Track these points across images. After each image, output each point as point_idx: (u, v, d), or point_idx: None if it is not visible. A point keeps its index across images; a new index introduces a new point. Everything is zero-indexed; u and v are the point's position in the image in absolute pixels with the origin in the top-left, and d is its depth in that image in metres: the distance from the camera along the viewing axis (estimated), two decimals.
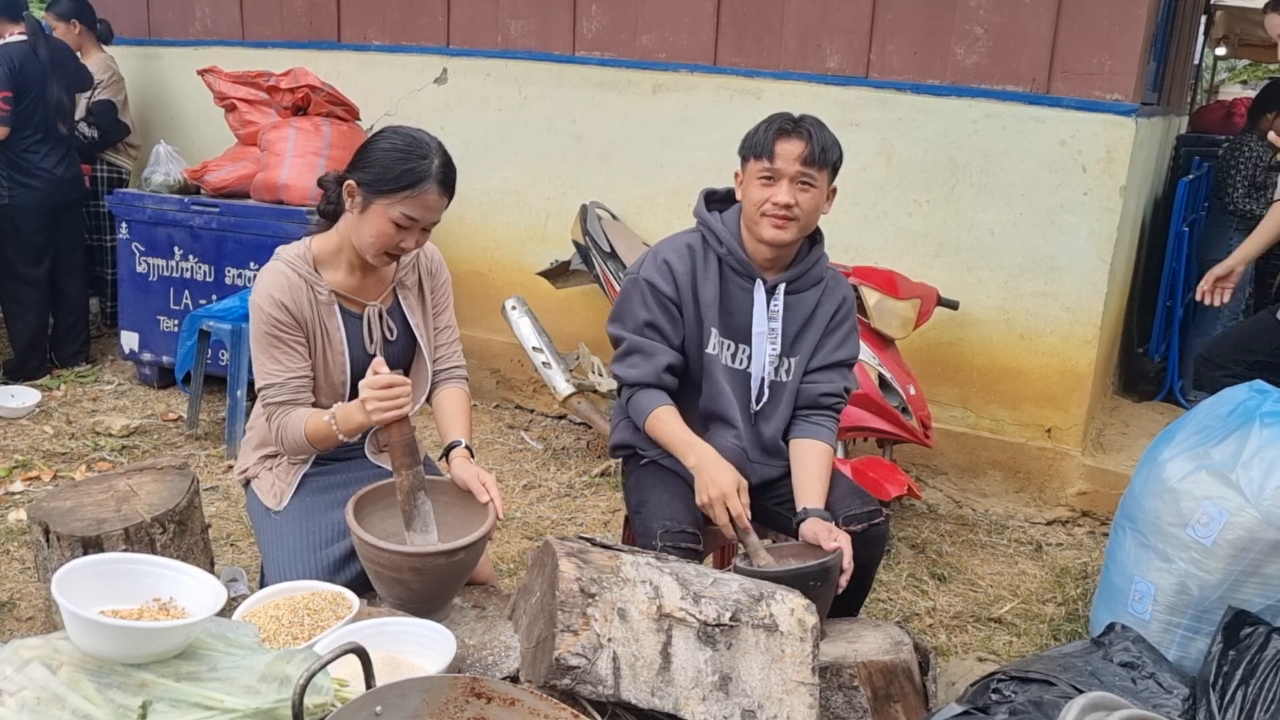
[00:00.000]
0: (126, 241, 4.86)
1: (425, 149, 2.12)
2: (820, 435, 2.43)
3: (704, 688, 1.74)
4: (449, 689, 1.49)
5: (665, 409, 2.38)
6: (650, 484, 2.45)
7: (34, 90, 4.70)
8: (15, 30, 4.74)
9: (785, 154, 2.28)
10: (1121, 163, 3.76)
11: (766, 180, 2.30)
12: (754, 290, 2.40)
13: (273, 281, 2.18)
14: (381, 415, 2.01)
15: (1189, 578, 2.60)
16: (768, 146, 2.29)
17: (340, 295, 2.26)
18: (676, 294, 2.39)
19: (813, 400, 2.46)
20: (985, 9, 3.85)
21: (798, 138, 2.28)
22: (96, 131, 5.30)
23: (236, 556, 3.38)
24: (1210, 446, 2.67)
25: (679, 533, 2.26)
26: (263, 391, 2.20)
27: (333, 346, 2.25)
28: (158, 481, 2.46)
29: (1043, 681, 2.24)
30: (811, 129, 2.29)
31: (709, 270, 2.40)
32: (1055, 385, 4.00)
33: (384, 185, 2.10)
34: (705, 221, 2.44)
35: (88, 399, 4.76)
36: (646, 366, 2.39)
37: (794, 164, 2.27)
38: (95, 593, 1.58)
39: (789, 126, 2.29)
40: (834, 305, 2.48)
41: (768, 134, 2.30)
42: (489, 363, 4.95)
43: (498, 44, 4.78)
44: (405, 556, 1.97)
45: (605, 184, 4.61)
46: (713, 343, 2.42)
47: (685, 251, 2.41)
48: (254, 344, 2.21)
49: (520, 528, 3.74)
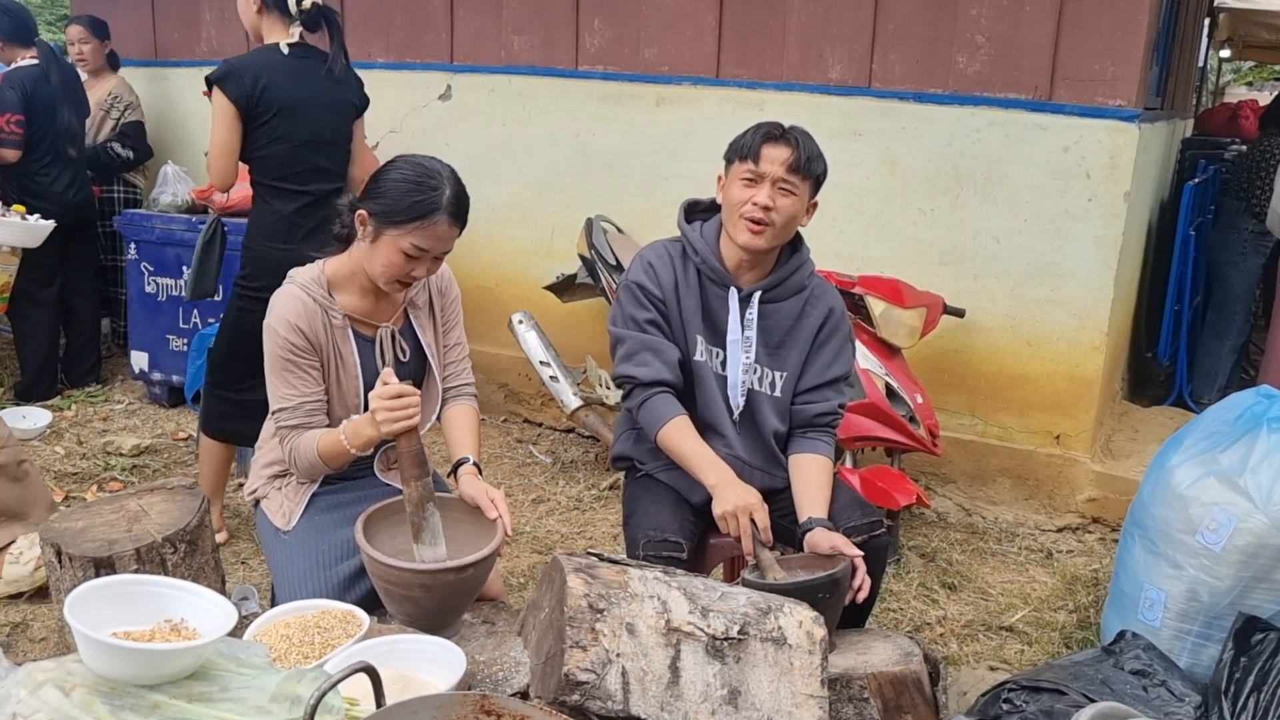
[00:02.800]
0: (135, 262, 4.89)
1: (436, 179, 2.12)
2: (817, 449, 2.44)
3: (713, 702, 1.74)
4: (459, 706, 1.49)
5: (682, 419, 2.35)
6: (640, 496, 2.47)
7: (45, 114, 4.74)
8: (27, 55, 4.78)
9: (771, 158, 2.30)
10: (1125, 168, 3.76)
11: (749, 182, 2.32)
12: (728, 298, 2.41)
13: (288, 306, 2.19)
14: (391, 426, 2.02)
15: (1199, 584, 2.59)
16: (754, 149, 2.31)
17: (353, 319, 2.28)
18: (662, 295, 2.41)
19: (808, 421, 2.47)
20: (986, 17, 3.86)
21: (785, 144, 2.30)
22: (132, 152, 5.38)
23: (248, 574, 3.39)
24: (1218, 452, 2.66)
25: (661, 541, 2.26)
26: (276, 415, 2.22)
27: (346, 370, 2.27)
28: (169, 501, 2.47)
29: (1054, 691, 2.24)
30: (799, 138, 2.31)
31: (689, 279, 2.43)
32: (1063, 391, 3.99)
33: (394, 216, 2.11)
34: (684, 232, 2.47)
35: (98, 419, 4.79)
36: (658, 363, 2.37)
37: (778, 168, 2.28)
38: (107, 615, 1.59)
39: (777, 133, 2.32)
40: (819, 317, 2.46)
41: (755, 137, 2.32)
42: (496, 377, 4.96)
43: (501, 59, 4.80)
44: (414, 574, 1.98)
45: (610, 197, 4.63)
46: (700, 350, 2.43)
47: (667, 257, 2.44)
48: (268, 368, 2.22)
49: (529, 542, 3.75)
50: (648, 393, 2.37)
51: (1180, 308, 5.17)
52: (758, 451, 2.47)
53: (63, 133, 4.84)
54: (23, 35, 4.80)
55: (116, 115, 5.36)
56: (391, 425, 2.02)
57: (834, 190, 4.18)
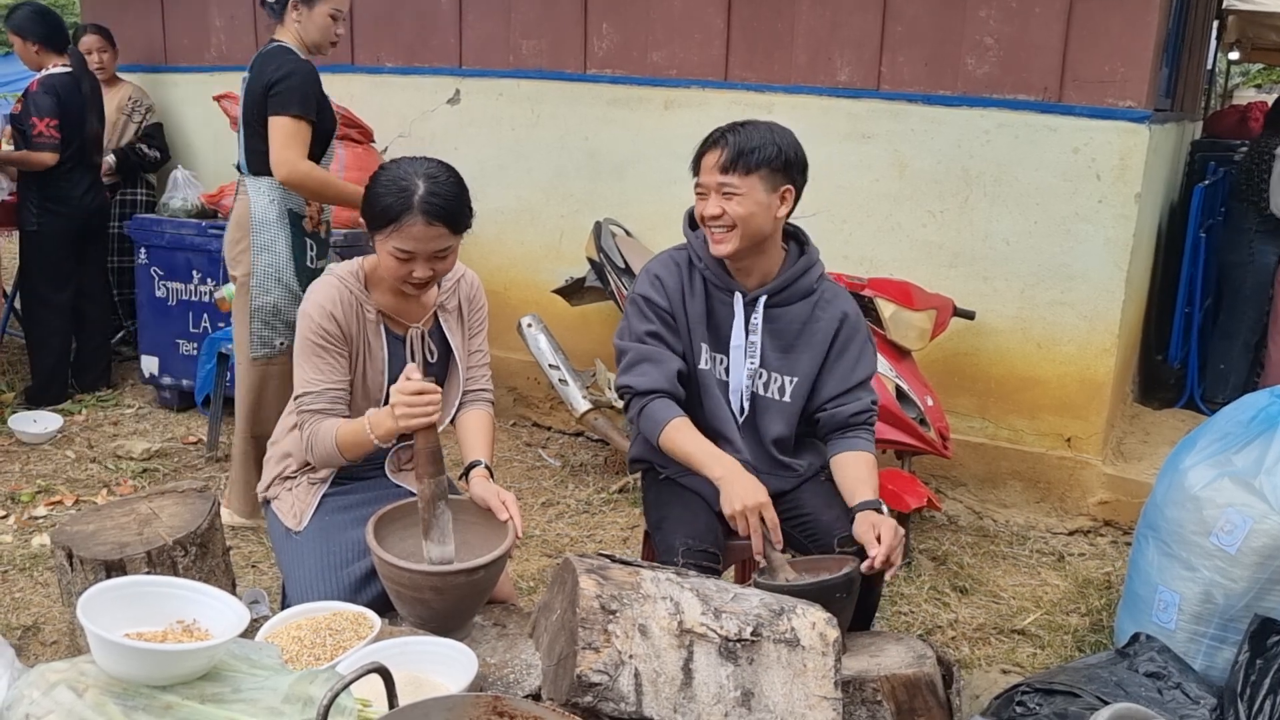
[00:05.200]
0: (145, 266, 4.90)
1: (408, 180, 2.13)
2: (857, 446, 2.42)
3: (726, 704, 1.73)
4: (471, 708, 1.49)
5: (680, 420, 2.35)
6: (670, 500, 2.45)
7: (75, 120, 4.78)
8: (59, 61, 4.82)
9: (707, 165, 2.29)
10: (1136, 169, 3.75)
11: (701, 195, 2.32)
12: (733, 303, 2.40)
13: (326, 294, 2.23)
14: (409, 421, 2.02)
15: (1214, 586, 2.57)
16: (696, 160, 2.31)
17: (385, 315, 2.31)
18: (670, 306, 2.40)
19: (843, 422, 2.44)
20: (995, 19, 3.85)
21: (715, 147, 2.27)
22: (158, 152, 5.53)
23: (258, 578, 3.39)
24: (1232, 453, 2.65)
25: (700, 551, 2.25)
26: (299, 399, 2.23)
27: (373, 364, 2.29)
28: (179, 504, 2.48)
29: (1067, 693, 2.23)
30: (731, 135, 2.26)
31: (694, 287, 2.42)
32: (1074, 394, 3.97)
33: (375, 224, 2.17)
34: (688, 239, 2.46)
35: (108, 423, 4.80)
36: (656, 373, 2.36)
37: (714, 174, 2.27)
38: (119, 616, 1.59)
39: (715, 136, 2.29)
40: (834, 323, 2.43)
41: (699, 149, 2.32)
42: (506, 381, 4.96)
43: (510, 64, 4.81)
44: (426, 576, 1.97)
45: (619, 201, 4.63)
46: (704, 358, 2.43)
47: (673, 267, 2.43)
48: (298, 352, 2.25)
49: (539, 545, 3.74)
50: (644, 400, 2.38)
51: (1191, 310, 5.15)
52: (763, 457, 2.46)
53: (89, 139, 4.90)
54: (57, 42, 4.84)
55: (139, 118, 5.48)
56: (409, 420, 2.02)
57: (843, 192, 4.21)
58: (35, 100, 4.68)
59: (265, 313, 3.44)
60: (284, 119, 3.30)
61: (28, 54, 4.85)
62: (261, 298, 3.43)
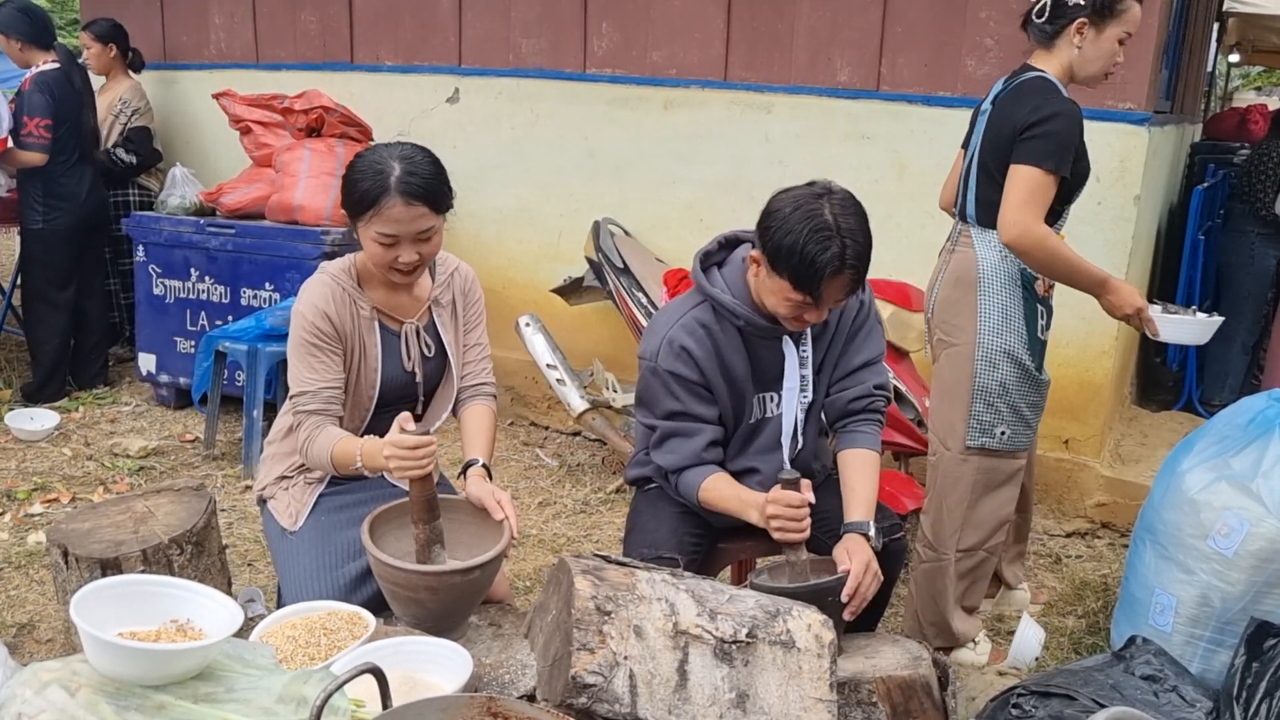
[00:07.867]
0: (143, 264, 4.90)
1: (382, 163, 2.12)
2: (858, 442, 2.38)
3: (721, 705, 1.73)
4: (465, 708, 1.48)
5: (711, 479, 2.30)
6: (642, 509, 2.47)
7: (70, 117, 4.77)
8: (47, 59, 4.81)
9: (833, 289, 2.15)
10: (1135, 171, 3.74)
11: (805, 306, 2.17)
12: (782, 345, 2.34)
13: (319, 292, 2.22)
14: (403, 474, 2.01)
15: (1211, 589, 2.57)
16: (815, 284, 2.12)
17: (380, 312, 2.30)
18: (703, 377, 2.29)
19: (843, 410, 2.41)
20: (995, 20, 3.84)
21: (841, 274, 2.12)
22: (135, 158, 5.37)
23: (254, 577, 3.39)
24: (1230, 456, 2.64)
25: (655, 558, 2.23)
26: (294, 399, 2.23)
27: (368, 363, 2.29)
28: (175, 503, 2.47)
29: (1063, 696, 2.22)
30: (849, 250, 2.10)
31: (731, 344, 2.30)
32: (1072, 396, 3.97)
33: (354, 211, 2.16)
34: (709, 294, 2.29)
35: (105, 421, 4.79)
36: (685, 450, 2.32)
37: (840, 295, 2.18)
38: (113, 615, 1.58)
39: (834, 262, 2.10)
40: (852, 312, 2.41)
41: (818, 271, 2.10)
42: (503, 380, 4.94)
43: (509, 63, 4.81)
44: (421, 575, 1.97)
45: (618, 200, 4.63)
46: (754, 411, 2.38)
47: (699, 332, 2.27)
48: (292, 351, 2.24)
49: (536, 545, 3.74)
50: (676, 477, 2.35)
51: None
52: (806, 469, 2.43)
53: (86, 135, 4.90)
54: (42, 38, 4.83)
55: (124, 121, 5.38)
56: (403, 474, 2.01)
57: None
58: (28, 99, 4.67)
59: (990, 393, 2.84)
60: (1032, 171, 2.66)
61: (13, 52, 4.84)
62: (988, 374, 2.84)
